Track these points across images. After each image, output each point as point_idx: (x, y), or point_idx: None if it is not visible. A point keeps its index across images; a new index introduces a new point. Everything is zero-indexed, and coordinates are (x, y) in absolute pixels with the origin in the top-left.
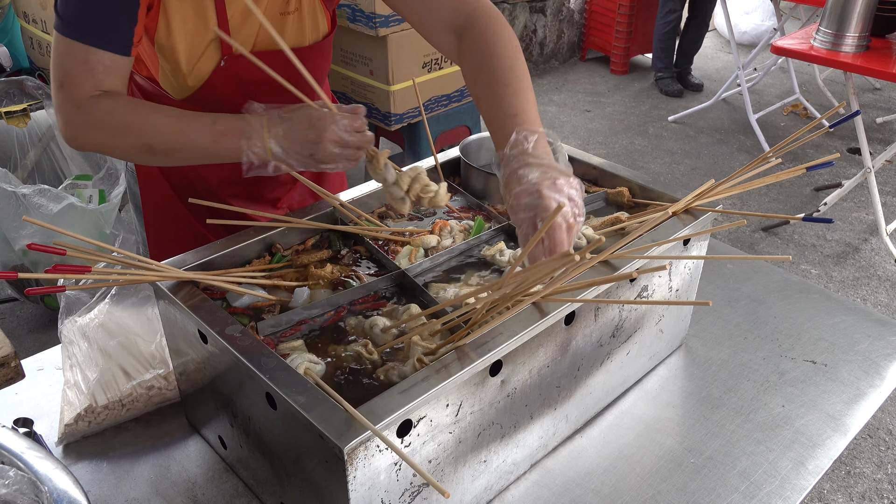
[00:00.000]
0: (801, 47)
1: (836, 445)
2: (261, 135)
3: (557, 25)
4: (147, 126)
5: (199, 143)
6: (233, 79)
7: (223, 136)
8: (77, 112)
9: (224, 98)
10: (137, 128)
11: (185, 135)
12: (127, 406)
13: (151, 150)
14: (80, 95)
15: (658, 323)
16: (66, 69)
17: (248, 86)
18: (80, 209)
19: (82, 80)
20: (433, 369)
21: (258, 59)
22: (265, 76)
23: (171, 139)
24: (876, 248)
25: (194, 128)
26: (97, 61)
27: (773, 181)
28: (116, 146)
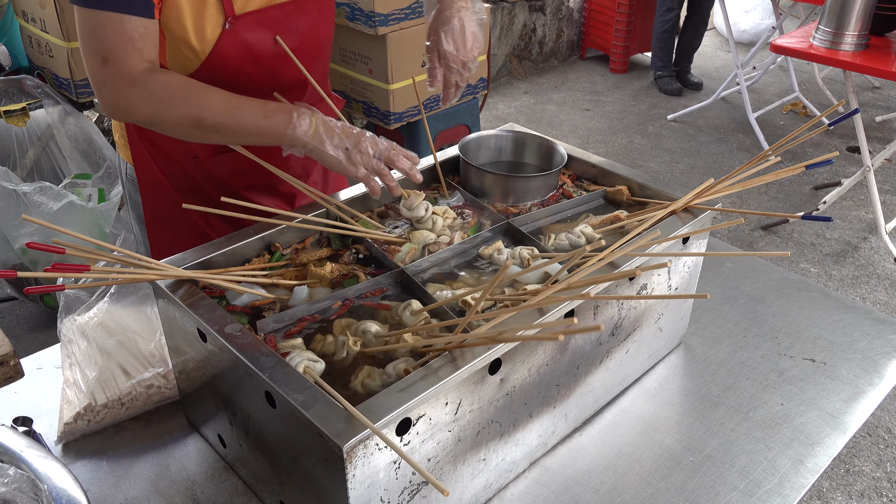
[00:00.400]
0: (801, 46)
1: (835, 444)
2: (310, 117)
3: (557, 24)
4: (201, 100)
5: (249, 119)
6: (240, 43)
7: (274, 112)
8: (131, 86)
9: (234, 68)
10: (192, 101)
11: (236, 109)
12: (126, 405)
13: (201, 123)
14: (131, 68)
15: (657, 321)
16: (106, 43)
17: (256, 49)
18: (79, 207)
19: (127, 52)
20: (432, 368)
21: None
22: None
23: (222, 113)
24: (875, 246)
25: (246, 105)
26: (133, 29)
27: (772, 180)
28: (167, 118)
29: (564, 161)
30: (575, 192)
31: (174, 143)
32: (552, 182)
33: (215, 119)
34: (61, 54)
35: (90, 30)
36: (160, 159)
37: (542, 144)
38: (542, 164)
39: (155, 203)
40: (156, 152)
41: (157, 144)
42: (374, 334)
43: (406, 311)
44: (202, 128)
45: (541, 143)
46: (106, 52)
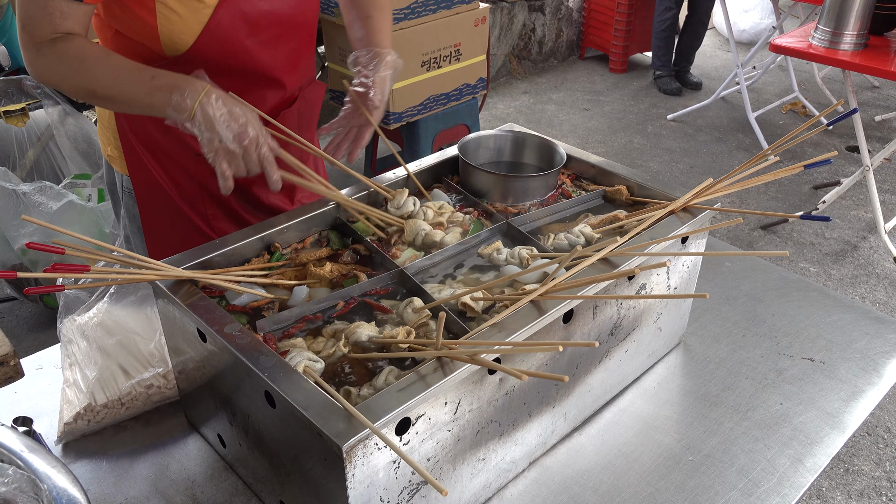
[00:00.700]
0: (800, 45)
1: (834, 443)
2: (195, 95)
3: (556, 24)
4: (89, 73)
5: (136, 95)
6: (237, 14)
7: (158, 90)
8: (36, 54)
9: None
10: (83, 72)
11: (122, 84)
12: (126, 405)
13: (94, 94)
14: (39, 38)
15: (656, 321)
16: (26, 11)
17: (252, 23)
18: (79, 207)
19: (40, 24)
20: (430, 367)
21: None
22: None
23: (110, 88)
24: (875, 245)
25: (133, 80)
26: (54, 7)
27: (771, 179)
28: (66, 87)
29: (563, 161)
30: (574, 192)
31: (174, 143)
32: (551, 182)
33: (105, 91)
34: None
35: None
36: (159, 163)
37: (541, 144)
38: (542, 164)
39: (154, 212)
40: (154, 157)
41: (155, 147)
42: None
43: (408, 309)
44: (97, 97)
45: (540, 143)
46: (24, 20)
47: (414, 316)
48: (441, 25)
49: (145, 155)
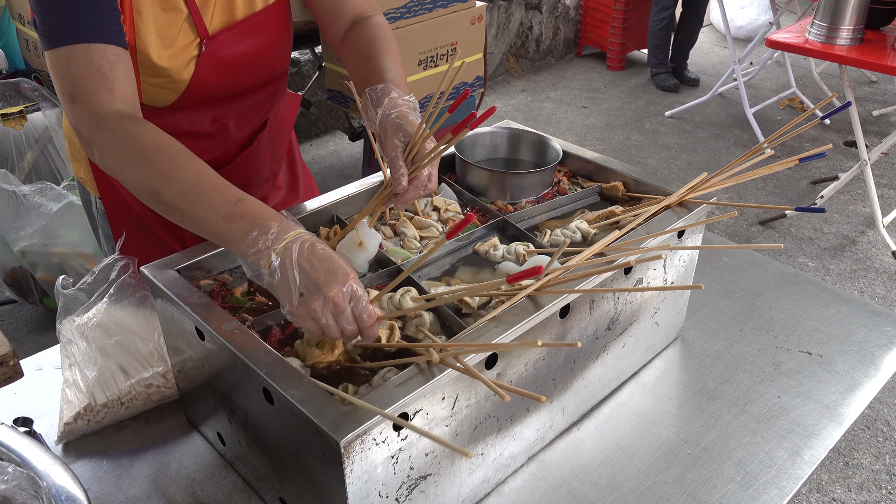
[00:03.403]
0: (797, 41)
1: (832, 435)
2: (276, 237)
3: (553, 22)
4: (164, 170)
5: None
6: (218, 62)
7: (240, 217)
8: (98, 126)
9: (213, 89)
10: (153, 168)
11: (201, 197)
12: (126, 404)
13: (159, 197)
14: (99, 106)
15: (654, 315)
16: (72, 79)
17: (231, 63)
18: (79, 208)
19: (94, 85)
20: (428, 363)
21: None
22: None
23: (182, 196)
24: (873, 240)
25: (215, 198)
26: (101, 58)
27: (766, 173)
28: (127, 179)
29: (559, 157)
30: (570, 189)
31: None
32: (547, 178)
33: (173, 197)
34: None
35: (57, 71)
36: None
37: (537, 141)
38: (538, 161)
39: (127, 234)
40: None
41: None
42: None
43: (406, 297)
44: (160, 202)
45: (536, 140)
46: (73, 89)
47: (412, 304)
48: (438, 24)
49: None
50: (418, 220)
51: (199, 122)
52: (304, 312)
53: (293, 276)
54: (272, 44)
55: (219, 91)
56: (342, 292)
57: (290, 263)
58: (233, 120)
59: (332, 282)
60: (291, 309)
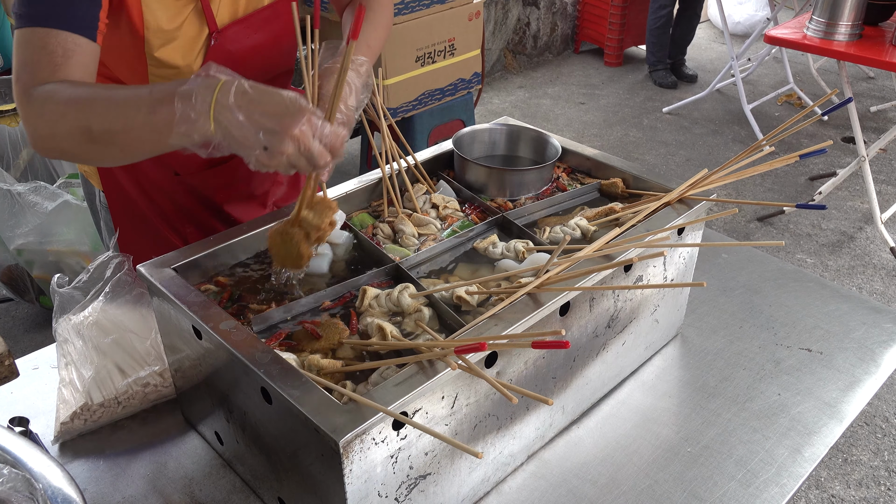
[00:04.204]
0: (795, 37)
1: (832, 432)
2: (206, 100)
3: (551, 18)
4: (84, 103)
5: (136, 118)
6: (225, 56)
7: (160, 103)
8: (27, 102)
9: None
10: (75, 106)
11: (120, 108)
12: (123, 403)
13: (91, 133)
14: (31, 83)
15: (653, 313)
16: (22, 59)
17: (239, 58)
18: (74, 207)
19: (37, 67)
20: (427, 362)
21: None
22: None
23: (107, 118)
24: (871, 236)
25: (129, 97)
26: (56, 44)
27: (766, 169)
28: (60, 136)
29: (558, 154)
30: (569, 185)
31: (151, 161)
32: (546, 175)
33: (101, 124)
34: None
35: (15, 49)
36: (134, 180)
37: (535, 138)
38: (537, 158)
39: (129, 228)
40: (129, 175)
41: (131, 166)
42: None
43: (404, 294)
44: (93, 141)
45: (535, 137)
46: (19, 69)
47: (411, 302)
48: (435, 20)
49: (120, 173)
50: (417, 218)
51: None
52: (277, 161)
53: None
54: (279, 39)
55: None
56: (305, 129)
57: (236, 121)
58: None
59: (291, 121)
60: (263, 161)
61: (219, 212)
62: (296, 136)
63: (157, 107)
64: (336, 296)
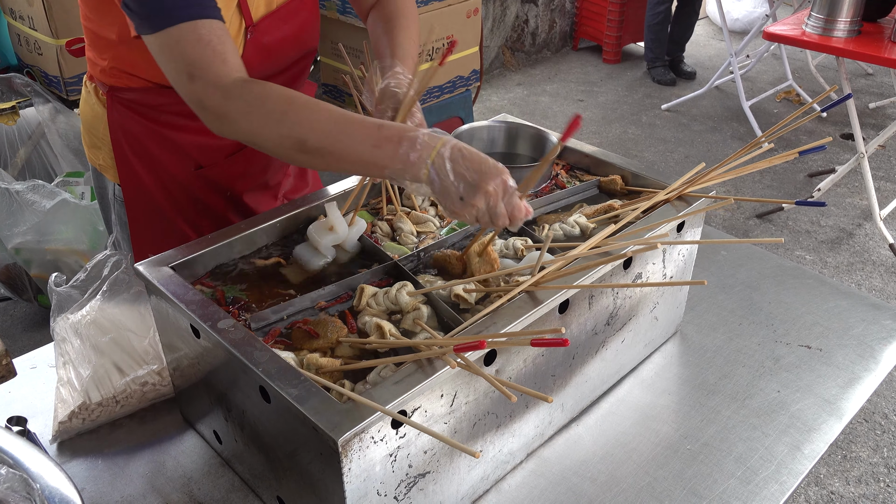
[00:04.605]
0: (793, 33)
1: (832, 429)
2: (429, 149)
3: (549, 15)
4: (304, 118)
5: (358, 147)
6: (261, 49)
7: (386, 141)
8: (225, 98)
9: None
10: (294, 119)
11: (345, 134)
12: (121, 402)
13: (304, 146)
14: (219, 78)
15: (653, 310)
16: (185, 57)
17: (272, 49)
18: (73, 205)
19: (209, 61)
20: (426, 360)
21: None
22: (282, 32)
23: (329, 137)
24: (870, 233)
25: (359, 129)
26: (209, 33)
27: (765, 166)
28: (268, 137)
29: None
30: (568, 183)
31: (173, 156)
32: (546, 172)
33: (320, 142)
34: (50, 52)
35: (167, 53)
36: (154, 174)
37: (534, 135)
38: (535, 155)
39: (144, 221)
40: (149, 169)
41: (151, 160)
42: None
43: (402, 292)
44: (306, 151)
45: (533, 134)
46: (189, 67)
47: (409, 300)
48: (433, 17)
49: (140, 166)
50: (415, 216)
51: None
52: (466, 211)
53: (450, 182)
54: (305, 27)
55: (260, 74)
56: (496, 188)
57: (445, 171)
58: None
59: (487, 178)
60: (455, 210)
61: (235, 203)
62: (489, 193)
63: (385, 143)
64: (334, 295)
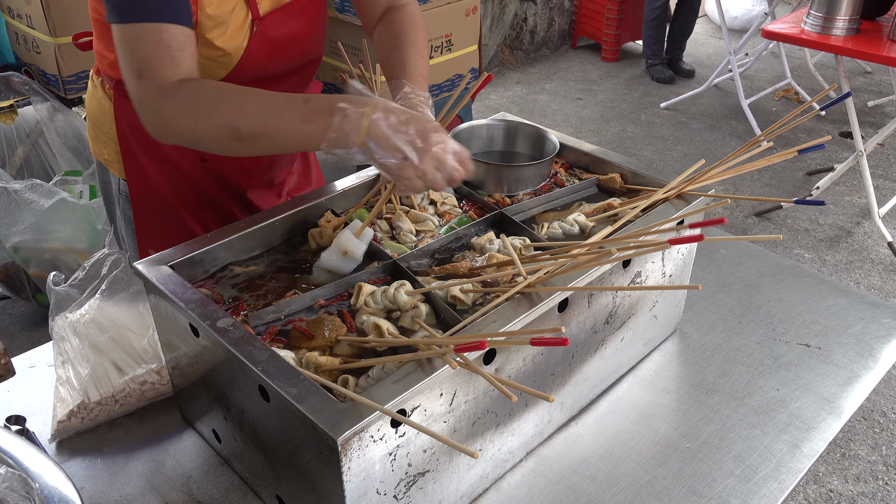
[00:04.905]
0: (792, 31)
1: (831, 428)
2: (361, 112)
3: (548, 13)
4: (233, 106)
5: (288, 125)
6: (267, 42)
7: (314, 115)
8: (163, 99)
9: (262, 66)
10: (224, 108)
11: (274, 114)
12: (120, 402)
13: (237, 133)
14: (164, 80)
15: (652, 309)
16: (140, 55)
17: (278, 44)
18: (71, 204)
19: (161, 63)
20: (426, 359)
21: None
22: (290, 29)
23: (258, 120)
24: (868, 231)
25: (286, 107)
26: (170, 38)
27: (764, 165)
28: (203, 131)
29: (556, 149)
30: (567, 181)
31: (179, 149)
32: (544, 171)
33: (252, 126)
34: (48, 50)
35: (125, 46)
36: (160, 168)
37: (533, 133)
38: (534, 153)
39: (149, 216)
40: (155, 162)
41: (158, 154)
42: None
43: (401, 291)
44: (241, 138)
45: (532, 132)
46: (140, 66)
47: (408, 299)
48: (432, 16)
49: (146, 160)
50: (414, 214)
51: None
52: (412, 173)
53: (392, 144)
54: (312, 26)
55: (266, 70)
56: (441, 149)
57: (383, 135)
58: None
59: (430, 139)
60: (398, 172)
61: (240, 199)
62: (434, 154)
63: (313, 117)
64: (332, 293)
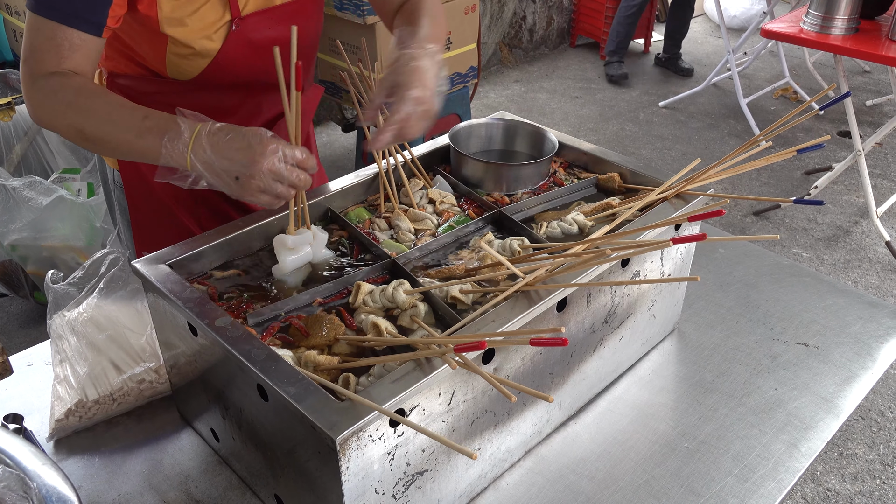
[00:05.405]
0: (791, 30)
1: (829, 427)
2: (185, 140)
3: (547, 12)
4: (83, 108)
5: (124, 136)
6: (246, 44)
7: (147, 132)
8: (31, 87)
9: (241, 66)
10: (75, 108)
11: (113, 123)
12: (118, 400)
13: (83, 134)
14: (39, 71)
15: (650, 308)
16: (31, 44)
17: (259, 48)
18: (69, 202)
19: (45, 56)
20: (424, 358)
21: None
22: (275, 34)
23: (99, 126)
24: (866, 230)
25: (124, 118)
26: (64, 38)
27: (763, 164)
28: (58, 127)
29: (555, 149)
30: (566, 180)
31: None
32: (543, 170)
33: (93, 130)
34: None
35: (26, 31)
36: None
37: (532, 132)
38: (533, 152)
39: (143, 209)
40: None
41: None
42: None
43: (399, 290)
44: (86, 138)
45: (531, 131)
46: (27, 53)
47: (406, 298)
48: None
49: None
50: (413, 213)
51: (228, 100)
52: (251, 190)
53: (218, 167)
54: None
55: (246, 72)
56: (274, 161)
57: (208, 157)
58: (259, 103)
59: (258, 156)
60: (238, 193)
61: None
62: (266, 170)
63: (146, 135)
64: (331, 292)
